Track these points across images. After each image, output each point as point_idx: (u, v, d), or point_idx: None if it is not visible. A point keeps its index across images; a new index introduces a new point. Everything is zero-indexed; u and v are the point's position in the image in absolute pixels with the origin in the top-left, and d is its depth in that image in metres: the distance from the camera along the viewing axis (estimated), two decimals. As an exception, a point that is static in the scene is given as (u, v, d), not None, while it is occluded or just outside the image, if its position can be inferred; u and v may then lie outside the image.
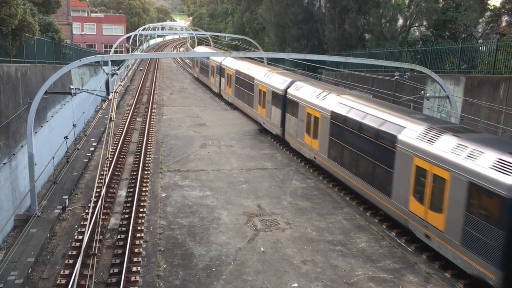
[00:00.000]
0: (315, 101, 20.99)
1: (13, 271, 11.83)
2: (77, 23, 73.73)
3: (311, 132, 21.32)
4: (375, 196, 16.10)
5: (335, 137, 18.92)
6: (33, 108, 15.15)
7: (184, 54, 74.33)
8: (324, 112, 19.93)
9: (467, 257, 11.90)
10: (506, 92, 16.87)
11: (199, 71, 52.09)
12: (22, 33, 16.85)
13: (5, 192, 14.24)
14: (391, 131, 15.22)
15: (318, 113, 20.50)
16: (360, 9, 35.51)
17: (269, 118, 27.08)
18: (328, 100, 20.13)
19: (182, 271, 12.71)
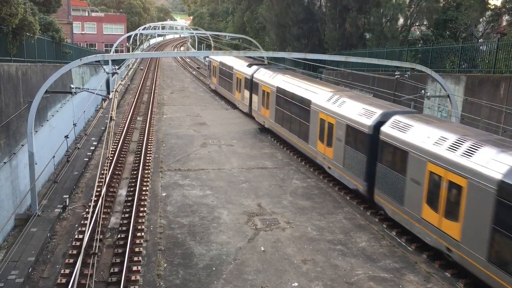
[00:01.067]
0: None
1: (14, 270, 11.84)
2: (78, 22, 73.75)
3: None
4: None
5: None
6: (33, 107, 15.15)
7: (185, 54, 74.32)
8: (273, 88, 27.01)
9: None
10: (507, 92, 16.86)
11: (218, 82, 43.75)
12: (23, 32, 16.86)
13: (5, 191, 14.24)
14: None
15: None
16: (360, 9, 35.49)
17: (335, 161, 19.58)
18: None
19: (182, 270, 12.72)
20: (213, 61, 44.73)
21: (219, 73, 41.51)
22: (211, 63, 46.41)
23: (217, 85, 43.69)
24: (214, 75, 44.71)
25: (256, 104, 30.56)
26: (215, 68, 44.06)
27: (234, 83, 35.53)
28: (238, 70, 35.08)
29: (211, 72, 46.69)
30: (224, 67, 39.67)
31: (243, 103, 33.67)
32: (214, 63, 44.62)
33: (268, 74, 29.10)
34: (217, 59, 42.36)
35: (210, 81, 47.80)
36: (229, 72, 37.60)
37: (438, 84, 19.50)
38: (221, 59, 41.49)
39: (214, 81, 45.00)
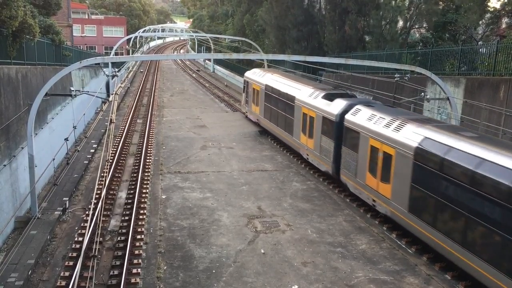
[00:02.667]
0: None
1: (13, 273, 11.82)
2: (78, 25, 73.91)
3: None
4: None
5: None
6: (33, 110, 15.16)
7: (185, 56, 74.41)
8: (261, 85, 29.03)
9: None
10: (506, 94, 16.86)
11: (263, 112, 29.16)
12: (23, 35, 16.87)
13: (5, 194, 14.23)
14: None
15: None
16: (360, 11, 35.52)
17: None
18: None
19: (182, 273, 12.71)
20: (253, 82, 31.26)
21: (265, 100, 28.60)
22: (249, 84, 32.36)
23: (260, 117, 29.73)
24: (255, 101, 30.77)
25: (355, 165, 17.78)
26: (257, 92, 30.28)
27: (298, 120, 23.09)
28: (305, 103, 22.31)
29: (249, 96, 32.49)
30: (275, 94, 26.84)
31: (319, 155, 20.72)
32: (254, 85, 30.81)
33: (381, 119, 16.54)
34: (262, 80, 29.61)
35: (248, 109, 32.87)
36: (286, 102, 24.95)
37: (438, 86, 19.52)
38: (268, 80, 28.65)
39: (256, 110, 30.65)
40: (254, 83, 31.00)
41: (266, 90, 28.19)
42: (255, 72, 32.43)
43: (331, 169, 19.76)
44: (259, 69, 33.83)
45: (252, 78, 32.13)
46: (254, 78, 31.46)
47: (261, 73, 30.97)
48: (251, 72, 33.19)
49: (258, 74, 31.37)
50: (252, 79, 31.95)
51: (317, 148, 20.99)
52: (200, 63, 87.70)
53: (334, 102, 20.00)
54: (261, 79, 30.00)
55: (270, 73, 29.98)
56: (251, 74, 32.75)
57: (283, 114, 25.37)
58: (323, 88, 23.45)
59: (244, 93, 33.87)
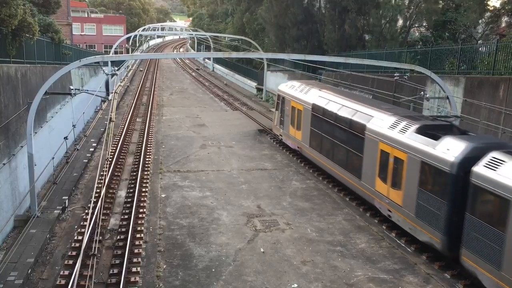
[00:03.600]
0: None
1: (13, 272, 11.82)
2: (77, 23, 73.79)
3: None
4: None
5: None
6: (33, 109, 15.15)
7: (184, 55, 74.38)
8: (305, 104, 22.78)
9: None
10: (506, 93, 16.86)
11: (308, 139, 22.42)
12: (22, 33, 16.86)
13: (4, 193, 14.23)
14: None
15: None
16: (360, 10, 35.50)
17: None
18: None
19: (182, 271, 12.71)
20: (292, 98, 24.39)
21: (311, 124, 21.77)
22: (285, 101, 25.37)
23: (304, 145, 22.76)
24: (296, 123, 23.71)
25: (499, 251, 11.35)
26: (298, 112, 23.40)
27: (372, 160, 16.76)
28: (384, 137, 16.10)
29: (285, 115, 25.34)
30: (327, 117, 20.24)
31: (414, 217, 14.46)
32: (294, 103, 23.93)
33: None
34: (306, 98, 22.67)
35: (284, 132, 25.70)
36: (348, 131, 18.57)
37: (438, 85, 19.52)
38: (316, 98, 21.83)
39: (296, 135, 23.69)
40: (294, 101, 23.88)
41: (314, 111, 21.41)
42: (293, 86, 25.13)
43: (442, 243, 13.16)
44: (299, 82, 26.22)
45: (290, 93, 24.83)
46: (294, 94, 24.25)
47: (303, 88, 24.04)
48: (288, 86, 25.86)
49: (300, 89, 24.21)
50: (290, 95, 24.74)
51: (409, 205, 14.50)
52: (199, 62, 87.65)
53: (443, 141, 13.58)
54: (304, 96, 22.97)
55: (316, 88, 23.10)
56: (288, 89, 25.54)
57: (343, 147, 18.69)
58: (410, 115, 16.57)
59: (278, 111, 26.54)
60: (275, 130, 27.70)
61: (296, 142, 23.78)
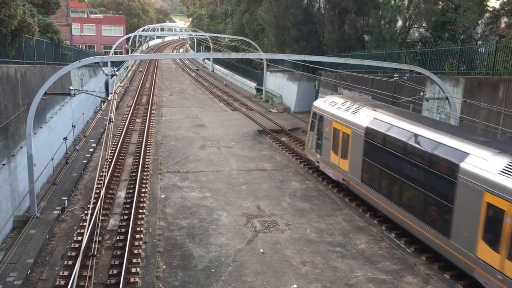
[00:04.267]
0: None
1: (12, 272, 11.81)
2: (77, 24, 73.82)
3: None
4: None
5: None
6: (32, 109, 15.14)
7: (184, 55, 74.38)
8: (355, 128, 17.88)
9: None
10: (505, 94, 16.86)
11: (360, 171, 17.66)
12: (22, 34, 16.85)
13: (4, 193, 14.22)
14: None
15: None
16: (359, 11, 35.50)
17: None
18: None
19: (181, 272, 12.71)
20: (333, 118, 19.88)
21: (365, 153, 17.33)
22: (323, 120, 20.81)
23: (352, 178, 18.23)
24: (340, 150, 19.25)
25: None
26: (344, 136, 18.93)
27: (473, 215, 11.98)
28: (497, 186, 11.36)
29: (323, 137, 20.82)
30: (392, 148, 15.70)
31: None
32: (337, 124, 19.48)
33: None
34: (356, 120, 18.09)
35: (321, 158, 20.98)
36: (428, 171, 13.83)
37: (437, 86, 19.53)
38: (371, 121, 17.22)
39: (341, 164, 19.10)
40: (337, 121, 19.40)
41: (369, 137, 16.90)
42: (335, 103, 20.39)
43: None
44: (342, 97, 21.43)
45: (331, 112, 20.15)
46: (336, 113, 19.61)
47: (349, 105, 19.24)
48: (328, 103, 21.05)
49: (344, 107, 19.45)
50: (330, 114, 20.08)
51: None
52: (199, 63, 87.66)
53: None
54: (353, 117, 18.29)
55: (368, 107, 18.17)
56: (328, 106, 20.77)
57: (417, 189, 14.01)
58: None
59: (313, 132, 21.92)
60: (309, 155, 22.62)
61: (341, 173, 18.91)
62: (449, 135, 13.79)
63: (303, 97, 39.94)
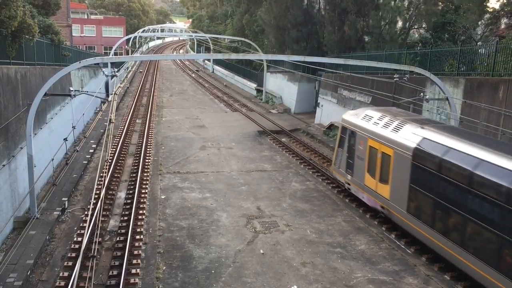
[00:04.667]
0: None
1: (12, 273, 11.80)
2: (77, 25, 73.89)
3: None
4: None
5: None
6: (32, 110, 15.15)
7: (184, 56, 74.42)
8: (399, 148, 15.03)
9: None
10: (505, 94, 16.87)
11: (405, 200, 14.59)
12: (22, 35, 16.86)
13: (4, 194, 14.22)
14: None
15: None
16: (359, 12, 35.51)
17: None
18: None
19: (181, 273, 12.70)
20: (368, 135, 17.14)
21: (412, 180, 14.34)
22: (355, 136, 18.11)
23: (395, 206, 15.25)
24: (377, 172, 16.52)
25: None
26: (384, 157, 16.08)
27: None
28: None
29: (354, 157, 18.10)
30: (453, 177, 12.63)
31: None
32: (374, 142, 16.73)
33: None
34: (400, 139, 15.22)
35: (353, 179, 18.23)
36: None
37: (437, 87, 19.53)
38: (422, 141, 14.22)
39: (379, 189, 16.34)
40: (373, 139, 16.65)
41: (418, 161, 14.01)
42: (370, 117, 17.49)
43: None
44: (378, 110, 18.06)
45: (365, 127, 17.35)
46: (372, 129, 16.84)
47: (389, 120, 16.39)
48: (361, 116, 18.08)
49: (383, 122, 16.60)
50: (365, 130, 17.30)
51: None
52: (199, 63, 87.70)
53: None
54: (395, 135, 15.46)
55: (414, 124, 15.24)
56: (361, 120, 17.91)
57: (492, 232, 11.32)
58: None
59: (342, 149, 19.05)
60: (338, 175, 19.61)
61: (379, 200, 16.19)
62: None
63: (303, 98, 39.98)
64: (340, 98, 31.17)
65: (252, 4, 59.22)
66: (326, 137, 30.05)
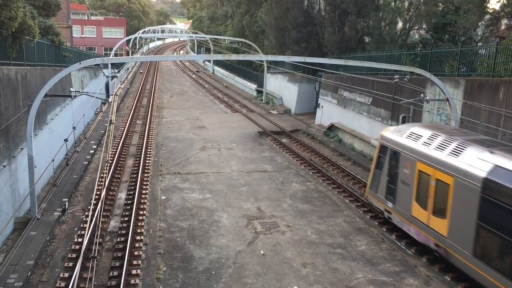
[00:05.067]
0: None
1: (13, 274, 11.80)
2: (77, 26, 73.92)
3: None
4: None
5: None
6: (33, 111, 15.16)
7: (184, 57, 74.45)
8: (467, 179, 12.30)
9: None
10: (506, 95, 16.86)
11: (471, 243, 11.94)
12: (22, 36, 16.87)
13: (4, 195, 14.22)
14: None
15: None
16: (359, 12, 35.52)
17: None
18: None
19: (182, 274, 12.70)
20: (416, 156, 14.45)
21: (480, 216, 11.68)
22: (399, 158, 15.41)
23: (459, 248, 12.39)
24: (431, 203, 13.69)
25: None
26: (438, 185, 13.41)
27: None
28: None
29: (398, 179, 15.38)
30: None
31: None
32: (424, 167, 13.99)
33: None
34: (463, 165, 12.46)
35: (394, 206, 15.52)
36: None
37: (437, 87, 19.53)
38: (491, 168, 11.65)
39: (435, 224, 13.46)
40: (424, 162, 13.98)
41: (491, 194, 11.47)
42: (418, 136, 14.79)
43: None
44: (428, 127, 15.22)
45: (412, 148, 14.68)
46: (423, 151, 14.17)
47: (443, 141, 13.85)
48: (406, 134, 15.38)
49: (436, 142, 13.96)
50: (412, 150, 14.65)
51: None
52: (199, 64, 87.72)
53: None
54: (455, 160, 12.90)
55: (481, 148, 12.75)
56: (406, 139, 15.20)
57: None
58: None
59: (379, 170, 16.54)
60: (374, 201, 16.92)
61: (433, 236, 13.53)
62: None
63: (303, 98, 40.00)
64: (341, 99, 31.18)
65: (253, 5, 59.26)
66: (327, 138, 30.06)
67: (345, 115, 30.15)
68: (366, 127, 27.07)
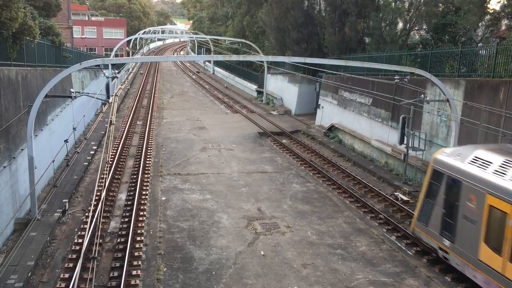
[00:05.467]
0: None
1: (13, 275, 11.80)
2: (78, 26, 73.93)
3: None
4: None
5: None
6: (33, 112, 15.16)
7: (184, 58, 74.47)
8: None
9: None
10: (506, 96, 16.86)
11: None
12: (23, 36, 16.88)
13: (5, 196, 14.22)
14: None
15: None
16: (360, 13, 35.51)
17: None
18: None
19: (182, 274, 12.69)
20: (486, 189, 11.54)
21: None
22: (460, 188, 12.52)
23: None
24: None
25: None
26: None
27: None
28: None
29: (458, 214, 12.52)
30: None
31: None
32: (499, 203, 11.10)
33: None
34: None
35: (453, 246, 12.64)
36: None
37: (438, 88, 19.53)
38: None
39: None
40: (497, 196, 11.30)
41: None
42: (488, 163, 12.11)
43: None
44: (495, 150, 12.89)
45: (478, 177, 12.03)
46: (494, 181, 11.49)
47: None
48: (468, 159, 12.75)
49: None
50: (478, 180, 12.00)
51: None
52: (200, 65, 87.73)
53: None
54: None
55: None
56: (469, 165, 12.56)
57: None
58: None
59: (431, 200, 13.91)
60: (424, 235, 14.09)
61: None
62: None
63: (303, 99, 40.00)
64: (341, 100, 31.18)
65: (253, 5, 59.27)
66: (327, 139, 30.06)
67: (345, 116, 30.16)
68: (366, 128, 27.09)
